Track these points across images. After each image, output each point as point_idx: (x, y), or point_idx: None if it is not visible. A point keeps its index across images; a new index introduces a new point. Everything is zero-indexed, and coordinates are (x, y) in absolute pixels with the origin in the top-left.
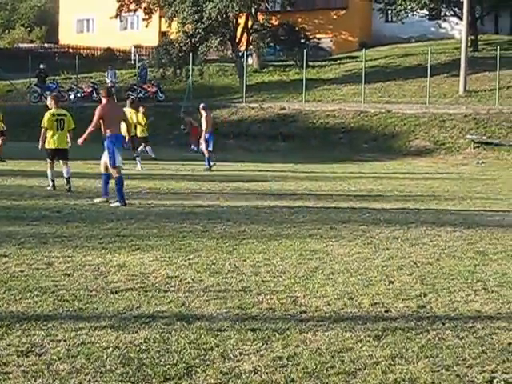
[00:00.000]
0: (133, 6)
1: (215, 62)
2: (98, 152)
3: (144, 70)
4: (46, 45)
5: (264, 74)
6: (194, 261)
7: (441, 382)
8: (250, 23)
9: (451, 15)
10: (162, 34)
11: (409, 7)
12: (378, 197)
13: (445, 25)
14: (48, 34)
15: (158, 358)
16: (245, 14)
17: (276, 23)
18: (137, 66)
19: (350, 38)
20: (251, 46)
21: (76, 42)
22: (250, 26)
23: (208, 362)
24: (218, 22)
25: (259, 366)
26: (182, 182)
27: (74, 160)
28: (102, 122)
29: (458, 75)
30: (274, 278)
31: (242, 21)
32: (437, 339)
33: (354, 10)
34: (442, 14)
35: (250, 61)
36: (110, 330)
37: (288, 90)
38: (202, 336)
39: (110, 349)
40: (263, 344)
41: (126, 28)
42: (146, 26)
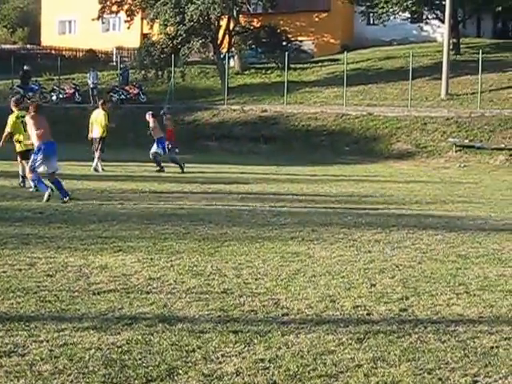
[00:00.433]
0: (115, 8)
1: (197, 63)
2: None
3: (126, 72)
4: (28, 46)
5: (246, 76)
6: (176, 262)
7: None
8: (231, 25)
9: (433, 18)
10: (144, 36)
11: (391, 10)
12: (359, 200)
13: (427, 28)
14: (30, 35)
15: (140, 359)
16: (226, 16)
17: (258, 25)
18: (119, 67)
19: (331, 41)
20: (233, 48)
21: (58, 44)
22: (231, 28)
23: (190, 364)
24: (199, 24)
25: (241, 367)
26: (164, 184)
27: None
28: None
29: (440, 78)
30: (256, 280)
31: (223, 23)
32: (419, 342)
33: (336, 12)
34: (424, 17)
35: (232, 63)
36: (92, 331)
37: (270, 92)
38: (184, 338)
39: (93, 350)
40: (245, 346)
41: (108, 30)
42: (128, 27)
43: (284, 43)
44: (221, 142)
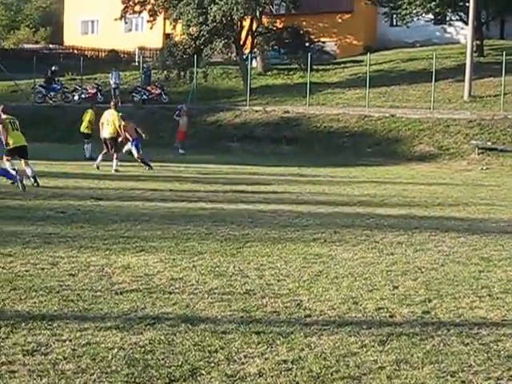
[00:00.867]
0: (137, 8)
1: (219, 64)
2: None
3: (148, 72)
4: (50, 46)
5: (268, 77)
6: (199, 263)
7: None
8: (254, 26)
9: (456, 20)
10: (167, 36)
11: (414, 11)
12: (381, 202)
13: (450, 29)
14: (53, 34)
15: (162, 359)
16: (249, 16)
17: (281, 26)
18: (141, 67)
19: (354, 42)
20: (255, 49)
21: (81, 44)
22: (254, 28)
23: (213, 364)
24: (222, 25)
25: (264, 368)
26: (186, 184)
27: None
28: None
29: (463, 80)
30: (279, 281)
31: (246, 23)
32: (442, 345)
33: (359, 13)
34: (448, 18)
35: (255, 64)
36: (115, 331)
37: (292, 93)
38: (207, 338)
39: (115, 349)
40: (268, 347)
41: (130, 30)
42: (151, 27)
43: (307, 44)
44: (242, 143)
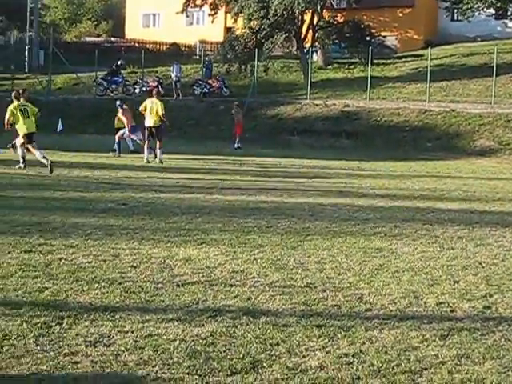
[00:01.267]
0: (199, 2)
1: (280, 58)
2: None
3: (209, 66)
4: (112, 39)
5: (329, 71)
6: (259, 256)
7: (508, 383)
8: (315, 20)
9: None
10: (228, 30)
11: (475, 6)
12: (441, 196)
13: (511, 24)
14: (114, 28)
15: (224, 351)
16: (310, 10)
17: (341, 20)
18: (202, 60)
19: (415, 37)
20: (316, 43)
21: (142, 37)
22: (315, 22)
23: (274, 357)
24: (283, 19)
25: (325, 362)
26: (246, 177)
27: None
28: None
29: None
30: (339, 274)
31: (307, 17)
32: (503, 340)
33: (420, 8)
34: (509, 13)
35: (315, 57)
36: (176, 323)
37: (352, 87)
38: (268, 331)
39: (177, 341)
40: (329, 340)
41: (191, 23)
42: (212, 21)
43: (367, 38)
44: (302, 137)
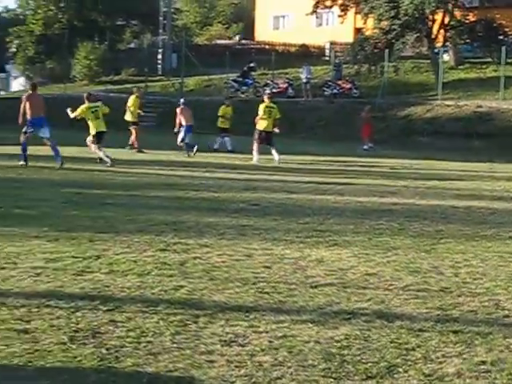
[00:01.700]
0: (329, 3)
1: (410, 58)
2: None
3: (339, 67)
4: (243, 41)
5: (460, 71)
6: (392, 259)
7: None
8: (446, 19)
9: None
10: (357, 31)
11: None
12: None
13: None
14: (244, 30)
15: (359, 355)
16: (441, 10)
17: (473, 19)
18: (332, 62)
19: None
20: (447, 43)
21: (271, 39)
22: (446, 22)
23: (410, 363)
24: (414, 19)
25: (462, 369)
26: (377, 180)
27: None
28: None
29: None
30: (475, 279)
31: (438, 17)
32: None
33: None
34: None
35: (446, 57)
36: (310, 325)
37: (485, 87)
38: (403, 335)
39: (312, 343)
40: (466, 347)
41: (320, 24)
42: (341, 22)
43: (500, 37)
44: (432, 138)
